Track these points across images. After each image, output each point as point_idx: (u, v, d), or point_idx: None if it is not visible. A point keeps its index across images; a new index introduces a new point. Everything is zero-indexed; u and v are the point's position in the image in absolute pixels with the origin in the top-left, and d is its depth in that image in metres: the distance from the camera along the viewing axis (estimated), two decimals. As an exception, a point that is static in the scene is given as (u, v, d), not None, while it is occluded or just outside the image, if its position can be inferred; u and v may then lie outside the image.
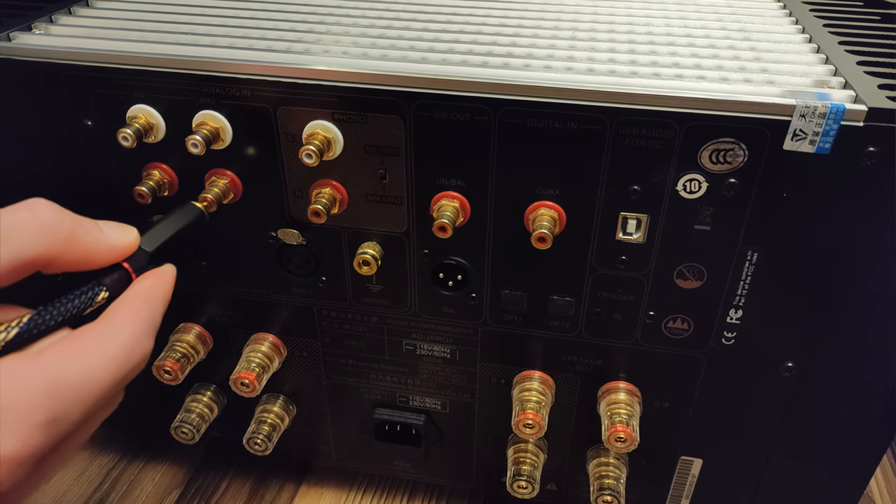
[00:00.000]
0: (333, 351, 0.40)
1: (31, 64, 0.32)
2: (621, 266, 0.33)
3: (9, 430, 0.19)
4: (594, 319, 0.35)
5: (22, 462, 0.20)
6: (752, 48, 0.34)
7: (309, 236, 0.35)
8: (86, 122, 0.33)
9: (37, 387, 0.20)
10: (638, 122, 0.29)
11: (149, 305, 0.25)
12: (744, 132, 0.28)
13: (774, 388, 0.35)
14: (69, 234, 0.23)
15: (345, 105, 0.31)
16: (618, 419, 0.35)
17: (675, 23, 0.37)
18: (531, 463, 0.39)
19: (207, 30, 0.35)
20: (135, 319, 0.24)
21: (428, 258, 0.35)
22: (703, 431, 0.37)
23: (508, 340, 0.37)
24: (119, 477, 0.47)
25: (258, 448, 0.41)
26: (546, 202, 0.31)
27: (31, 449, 0.20)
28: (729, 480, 0.39)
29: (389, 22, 0.37)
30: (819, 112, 0.27)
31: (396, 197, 0.33)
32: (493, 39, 0.35)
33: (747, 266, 0.32)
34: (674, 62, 0.32)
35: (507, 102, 0.29)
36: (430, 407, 0.41)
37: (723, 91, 0.29)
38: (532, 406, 0.36)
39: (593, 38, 0.35)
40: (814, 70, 0.32)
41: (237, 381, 0.37)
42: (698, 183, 0.30)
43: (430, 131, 0.31)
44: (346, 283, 0.37)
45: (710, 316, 0.33)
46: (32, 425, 0.20)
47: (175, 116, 0.32)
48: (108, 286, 0.25)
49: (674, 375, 0.36)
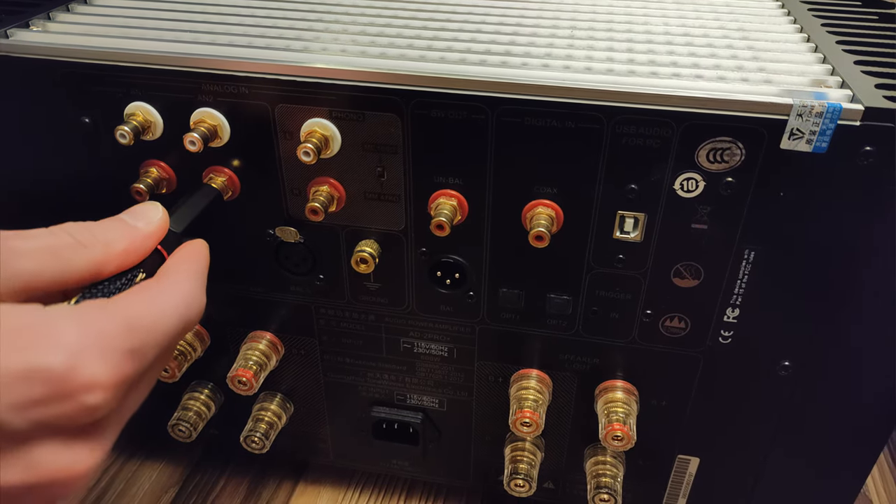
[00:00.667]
0: (331, 349, 0.40)
1: (28, 61, 0.32)
2: (619, 265, 0.33)
3: (100, 358, 0.21)
4: (591, 318, 0.35)
5: (116, 386, 0.21)
6: (749, 47, 0.34)
7: (307, 234, 0.35)
8: (83, 119, 0.33)
9: (116, 323, 0.22)
10: (635, 120, 0.29)
11: (199, 264, 0.28)
12: (741, 131, 0.28)
13: (771, 387, 0.35)
14: (105, 247, 0.25)
15: (343, 103, 0.31)
16: (615, 418, 0.35)
17: (673, 22, 0.37)
18: (528, 461, 0.39)
19: (206, 27, 0.35)
20: (191, 275, 0.26)
21: (426, 256, 0.35)
22: (700, 430, 0.38)
23: (506, 339, 0.37)
24: (116, 474, 0.47)
25: (255, 446, 0.41)
26: (543, 201, 0.32)
27: (122, 375, 0.22)
28: (726, 479, 0.39)
29: (388, 20, 0.37)
30: (816, 111, 0.27)
31: (394, 195, 0.33)
32: (491, 38, 0.35)
33: (744, 265, 0.32)
34: (672, 61, 0.32)
35: (505, 101, 0.29)
36: (428, 405, 0.41)
37: (720, 90, 0.29)
38: (529, 404, 0.36)
39: (591, 36, 0.35)
40: (811, 69, 0.32)
41: (234, 379, 0.37)
42: (695, 182, 0.30)
43: (427, 129, 0.31)
44: (343, 281, 0.37)
45: (708, 315, 0.33)
46: (119, 353, 0.22)
47: (173, 114, 0.32)
48: (145, 267, 0.27)
49: (671, 374, 0.36)
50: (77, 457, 0.22)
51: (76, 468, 0.22)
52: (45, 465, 0.21)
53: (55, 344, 0.20)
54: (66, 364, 0.20)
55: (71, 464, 0.21)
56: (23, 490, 0.21)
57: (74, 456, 0.22)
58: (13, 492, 0.21)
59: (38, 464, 0.21)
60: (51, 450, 0.21)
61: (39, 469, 0.21)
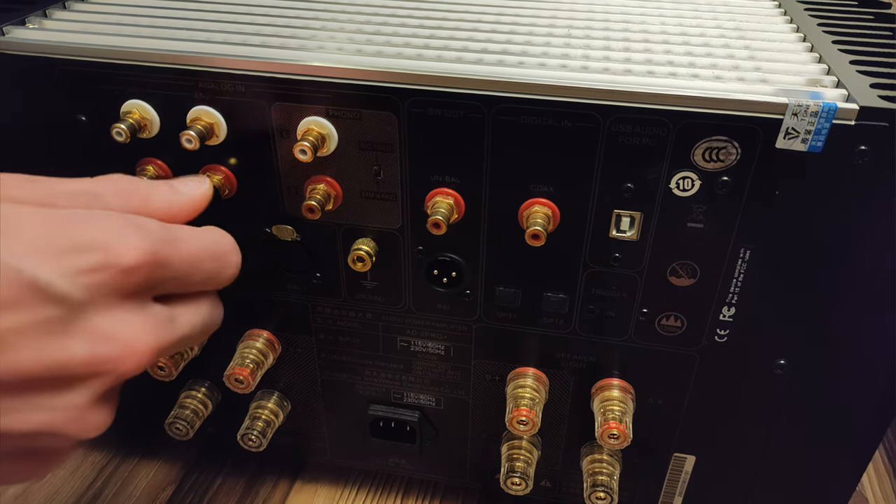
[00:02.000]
0: (328, 347, 0.40)
1: (24, 59, 0.32)
2: (615, 263, 0.33)
3: (136, 233, 0.24)
4: (588, 317, 0.35)
5: (152, 255, 0.24)
6: (746, 47, 0.34)
7: (303, 232, 0.35)
8: (80, 117, 0.33)
9: (153, 220, 0.25)
10: (632, 119, 0.29)
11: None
12: (737, 130, 0.28)
13: (767, 386, 0.35)
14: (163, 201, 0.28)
15: (339, 101, 0.31)
16: (611, 416, 0.35)
17: (670, 21, 0.37)
18: (525, 460, 0.39)
19: (202, 25, 0.35)
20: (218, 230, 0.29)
21: (422, 255, 0.35)
22: (697, 428, 0.38)
23: (502, 337, 0.37)
24: (113, 473, 0.47)
25: (252, 444, 0.41)
26: (540, 199, 0.32)
27: (157, 249, 0.24)
28: (722, 477, 0.39)
29: (385, 19, 0.37)
30: (811, 110, 0.27)
31: (391, 193, 0.33)
32: (488, 37, 0.35)
33: (740, 264, 0.32)
34: (668, 60, 0.32)
35: (502, 99, 0.29)
36: (425, 403, 0.41)
37: (716, 90, 0.29)
38: (526, 403, 0.36)
39: (588, 35, 0.35)
40: (807, 69, 0.32)
41: (231, 378, 0.37)
42: (691, 181, 0.30)
43: (424, 128, 0.31)
44: (340, 279, 0.37)
45: (703, 313, 0.34)
46: (155, 234, 0.25)
47: (169, 112, 0.32)
48: None
49: (667, 373, 0.36)
50: (135, 331, 0.23)
51: (137, 344, 0.23)
52: (108, 332, 0.23)
53: (99, 225, 0.23)
54: (109, 236, 0.23)
55: (131, 337, 0.23)
56: (90, 365, 0.22)
57: (133, 329, 0.23)
58: (80, 369, 0.22)
59: (101, 332, 0.22)
60: (110, 318, 0.23)
61: (103, 338, 0.22)
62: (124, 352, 0.23)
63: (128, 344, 0.23)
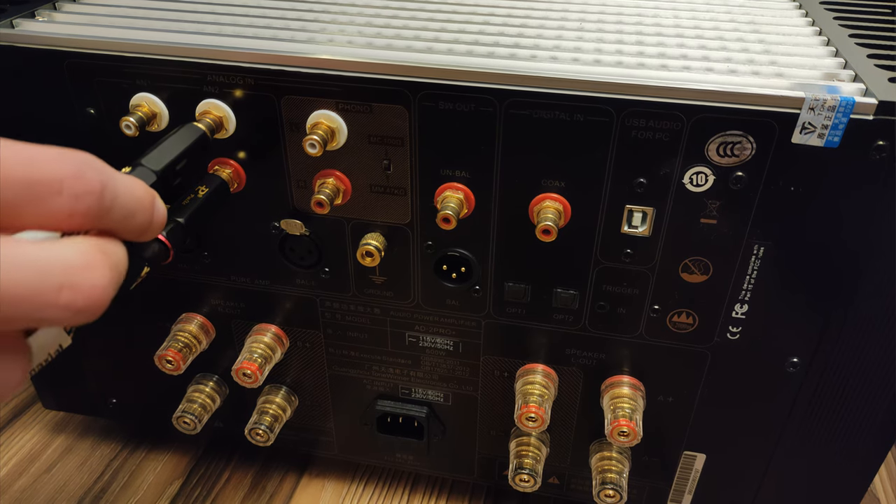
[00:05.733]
0: (336, 342, 0.40)
1: (34, 51, 0.32)
2: (626, 259, 0.33)
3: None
4: (598, 313, 0.35)
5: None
6: (761, 41, 0.34)
7: (312, 227, 0.35)
8: (88, 110, 0.33)
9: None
10: (645, 114, 0.29)
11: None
12: (752, 125, 0.28)
13: (779, 384, 0.35)
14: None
15: (349, 95, 0.30)
16: (621, 413, 0.35)
17: (683, 14, 0.37)
18: (533, 456, 0.39)
19: (212, 18, 0.35)
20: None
21: (431, 250, 0.34)
22: (707, 427, 0.37)
23: (512, 333, 0.37)
24: (121, 467, 0.47)
25: (260, 439, 0.40)
26: (551, 194, 0.31)
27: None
28: (732, 476, 0.39)
29: (395, 12, 0.36)
30: (828, 105, 0.27)
31: (400, 188, 0.33)
32: (499, 30, 0.34)
33: (753, 260, 0.31)
34: (682, 54, 0.32)
35: (513, 93, 0.29)
36: (433, 399, 0.41)
37: (731, 83, 0.28)
38: (535, 399, 0.36)
39: (601, 29, 0.35)
40: (823, 63, 0.31)
41: (239, 372, 0.37)
42: (705, 176, 0.29)
43: (434, 122, 0.31)
44: (349, 274, 0.36)
45: (716, 310, 0.33)
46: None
47: (178, 105, 0.32)
48: (148, 261, 0.24)
49: (678, 370, 0.36)
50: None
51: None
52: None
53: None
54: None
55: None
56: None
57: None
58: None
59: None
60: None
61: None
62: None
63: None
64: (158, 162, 0.26)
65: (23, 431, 0.50)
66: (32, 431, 0.50)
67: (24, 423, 0.50)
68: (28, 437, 0.49)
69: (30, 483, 0.46)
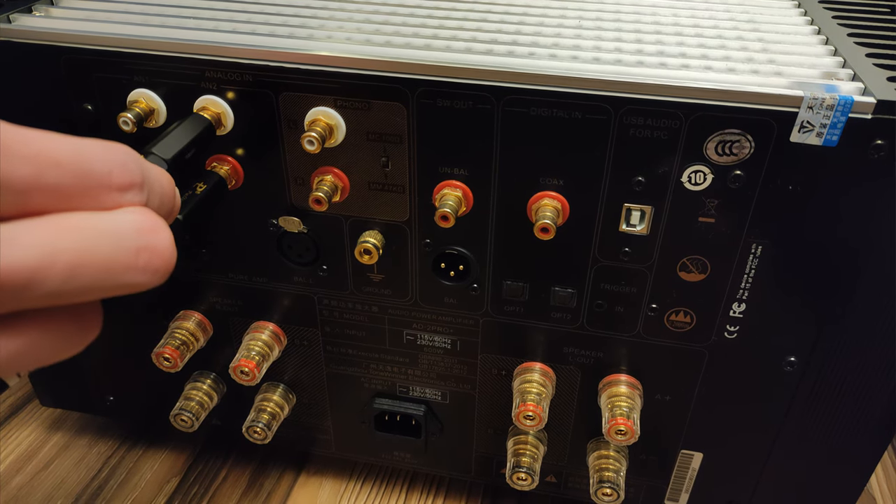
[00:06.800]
0: (334, 340, 0.39)
1: (30, 46, 0.32)
2: (624, 258, 0.33)
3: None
4: (596, 311, 0.35)
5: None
6: (760, 39, 0.34)
7: (310, 224, 0.35)
8: (86, 106, 0.33)
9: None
10: (643, 112, 0.28)
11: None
12: (750, 123, 0.28)
13: (776, 383, 0.35)
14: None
15: (347, 91, 0.30)
16: (618, 412, 0.35)
17: (682, 13, 0.37)
18: (531, 455, 0.39)
19: (210, 14, 0.35)
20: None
21: (430, 248, 0.34)
22: (704, 425, 0.37)
23: (510, 331, 0.37)
24: (118, 464, 0.47)
25: (257, 436, 0.40)
26: (549, 192, 0.31)
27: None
28: (729, 475, 0.39)
29: (394, 8, 0.36)
30: (827, 104, 0.27)
31: (399, 185, 0.33)
32: (497, 27, 0.34)
33: (751, 259, 0.31)
34: (680, 52, 0.32)
35: (511, 91, 0.29)
36: (431, 397, 0.41)
37: (730, 82, 0.28)
38: (532, 398, 0.36)
39: (599, 27, 0.35)
40: (822, 62, 0.31)
41: (237, 369, 0.37)
42: (703, 174, 0.29)
43: (433, 119, 0.30)
44: (347, 271, 0.36)
45: (713, 309, 0.33)
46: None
47: (176, 101, 0.32)
48: None
49: (675, 369, 0.36)
50: None
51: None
52: None
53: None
54: None
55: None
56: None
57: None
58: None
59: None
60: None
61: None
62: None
63: None
64: (169, 150, 0.26)
65: (20, 428, 0.50)
66: (30, 429, 0.50)
67: (21, 420, 0.50)
68: (25, 434, 0.49)
69: (27, 480, 0.46)
